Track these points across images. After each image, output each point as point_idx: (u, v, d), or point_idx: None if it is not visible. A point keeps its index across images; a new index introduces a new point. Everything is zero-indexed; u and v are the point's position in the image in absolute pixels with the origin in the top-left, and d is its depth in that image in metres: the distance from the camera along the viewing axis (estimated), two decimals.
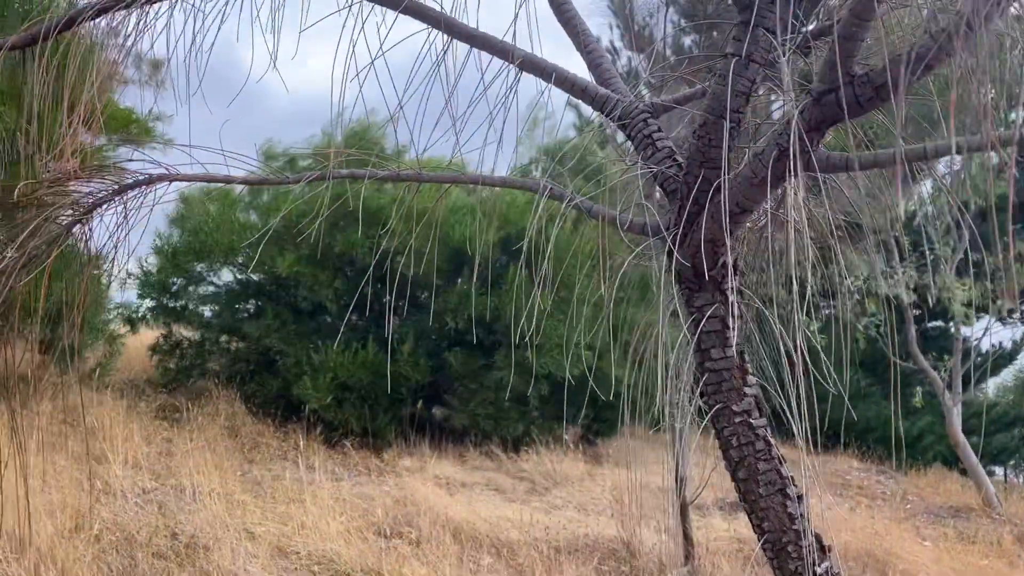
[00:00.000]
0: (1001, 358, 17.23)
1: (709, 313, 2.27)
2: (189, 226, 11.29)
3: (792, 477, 2.41)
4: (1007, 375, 18.87)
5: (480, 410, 10.90)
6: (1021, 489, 16.38)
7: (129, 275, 11.57)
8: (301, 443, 9.49)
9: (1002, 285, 12.66)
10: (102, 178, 2.54)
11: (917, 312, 12.99)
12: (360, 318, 11.40)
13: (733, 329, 2.22)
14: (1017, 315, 15.42)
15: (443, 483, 9.30)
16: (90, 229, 2.63)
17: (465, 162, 2.57)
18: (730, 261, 2.09)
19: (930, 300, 12.72)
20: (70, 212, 2.54)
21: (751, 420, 2.32)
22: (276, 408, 10.86)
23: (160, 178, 2.57)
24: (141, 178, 2.57)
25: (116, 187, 2.55)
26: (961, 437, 12.76)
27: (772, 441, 2.38)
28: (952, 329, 13.66)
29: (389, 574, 6.43)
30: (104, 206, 2.57)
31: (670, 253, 2.22)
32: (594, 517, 8.97)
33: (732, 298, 2.17)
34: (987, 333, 15.58)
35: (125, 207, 2.54)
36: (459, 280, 10.91)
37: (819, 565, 2.34)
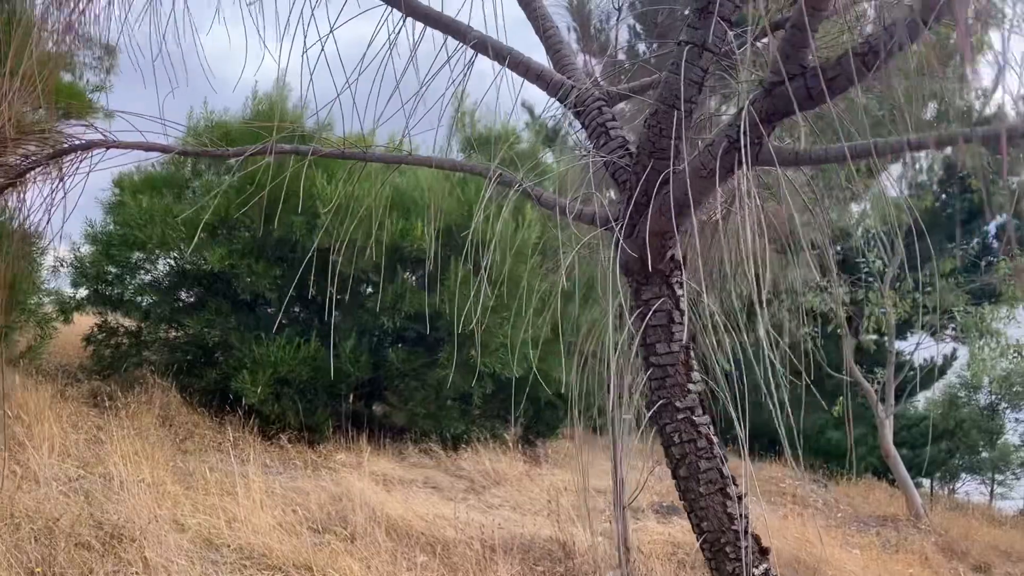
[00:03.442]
0: (932, 372, 17.68)
1: (655, 307, 2.23)
2: (120, 218, 10.96)
3: (733, 477, 2.38)
4: (937, 389, 19.39)
5: (421, 408, 10.81)
6: (946, 500, 16.86)
7: (62, 263, 11.21)
8: (236, 436, 9.29)
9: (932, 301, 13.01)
10: (40, 141, 2.42)
11: (844, 330, 13.20)
12: (302, 311, 11.23)
13: (680, 324, 2.19)
14: (948, 331, 15.82)
15: (380, 479, 9.19)
16: (22, 195, 2.51)
17: (416, 144, 2.51)
18: (679, 254, 2.05)
19: (861, 315, 12.97)
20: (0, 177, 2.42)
21: (694, 417, 2.30)
22: (212, 399, 10.62)
23: (97, 144, 2.46)
24: (78, 143, 2.45)
25: (51, 151, 2.43)
26: (892, 449, 13.04)
27: (714, 439, 2.36)
28: (886, 343, 13.95)
29: (321, 570, 6.31)
30: (38, 170, 2.45)
31: (618, 244, 2.17)
32: (531, 517, 8.95)
33: (679, 292, 2.13)
34: (918, 348, 15.98)
35: (60, 172, 2.43)
36: (399, 276, 10.81)
37: (757, 567, 2.31)
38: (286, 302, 10.65)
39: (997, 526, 13.58)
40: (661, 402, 2.29)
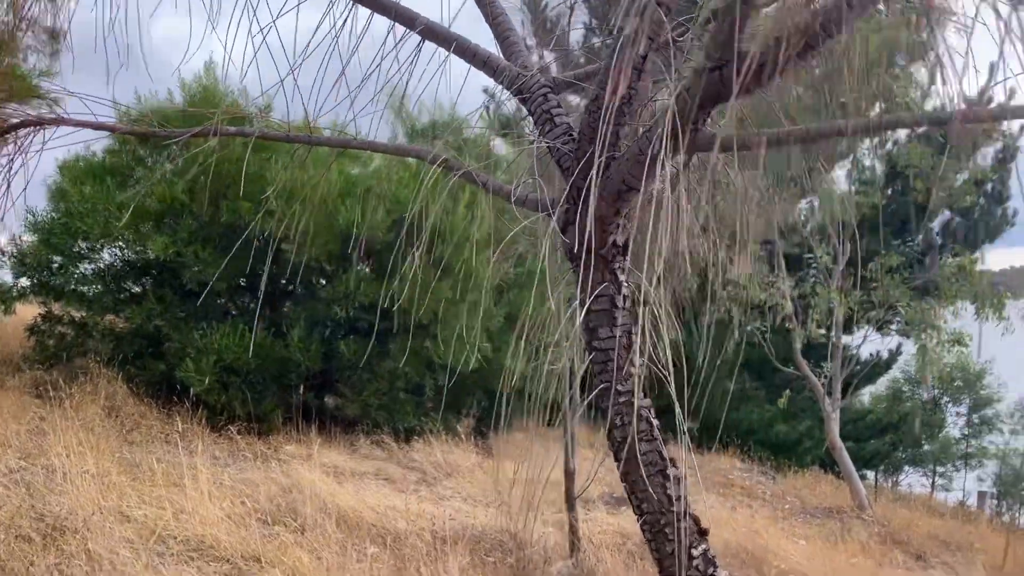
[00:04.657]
0: (878, 367, 18.05)
1: (597, 292, 2.24)
2: (62, 207, 10.71)
3: (673, 460, 2.41)
4: (882, 384, 19.79)
5: (373, 400, 10.76)
6: (889, 492, 17.25)
7: (1, 252, 10.96)
8: (184, 426, 9.16)
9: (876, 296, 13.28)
10: None
11: (789, 324, 13.39)
12: (252, 300, 11.09)
13: (622, 309, 2.20)
14: (894, 326, 16.16)
15: (331, 471, 9.13)
16: None
17: (358, 129, 2.50)
18: (620, 240, 2.06)
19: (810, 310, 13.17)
20: None
21: (635, 400, 2.31)
22: (160, 389, 10.46)
23: (48, 121, 2.46)
24: (30, 118, 2.44)
25: (4, 126, 2.42)
26: (838, 442, 13.29)
27: (655, 422, 2.38)
28: (833, 337, 14.19)
29: (270, 561, 6.27)
30: None
31: (563, 230, 2.18)
32: (482, 508, 8.97)
33: (621, 278, 2.15)
34: (865, 342, 16.29)
35: (18, 144, 2.42)
36: (352, 265, 10.72)
37: (696, 548, 2.34)
38: (234, 291, 10.51)
39: (937, 516, 13.94)
40: (603, 386, 2.31)
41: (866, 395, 19.82)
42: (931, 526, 12.36)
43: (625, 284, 2.22)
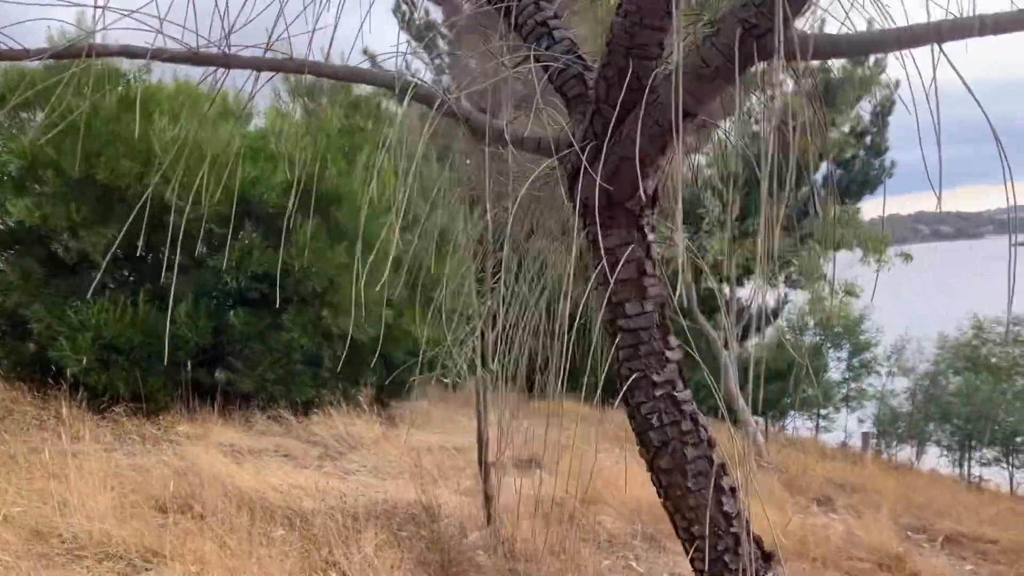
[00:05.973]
0: (767, 317, 18.54)
1: (625, 256, 1.75)
2: None
3: (725, 465, 2.01)
4: (769, 333, 20.41)
5: (269, 373, 10.23)
6: (778, 439, 17.87)
7: None
8: (64, 412, 8.44)
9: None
10: None
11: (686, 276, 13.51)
12: (132, 272, 10.32)
13: (653, 276, 1.76)
14: (781, 278, 16.58)
15: (228, 451, 8.62)
16: None
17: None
18: (651, 188, 1.67)
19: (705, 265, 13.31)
20: None
21: (675, 393, 1.89)
22: (34, 372, 9.62)
23: None
24: None
25: None
26: (736, 390, 13.55)
27: (701, 419, 1.96)
28: (727, 290, 14.44)
29: (170, 553, 5.79)
30: None
31: (579, 175, 1.68)
32: (391, 481, 8.65)
33: (650, 237, 1.73)
34: (755, 294, 16.67)
35: None
36: (246, 231, 10.10)
37: None
38: (113, 262, 9.71)
39: (828, 459, 14.46)
40: (635, 375, 1.86)
41: (753, 344, 20.40)
42: (825, 469, 12.76)
43: (654, 245, 1.79)
